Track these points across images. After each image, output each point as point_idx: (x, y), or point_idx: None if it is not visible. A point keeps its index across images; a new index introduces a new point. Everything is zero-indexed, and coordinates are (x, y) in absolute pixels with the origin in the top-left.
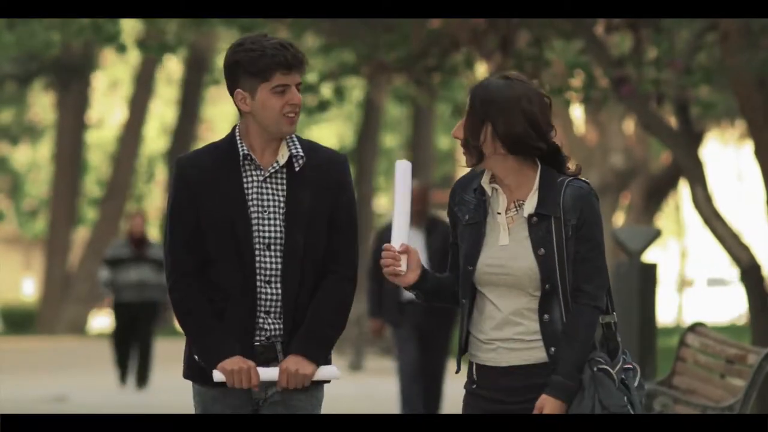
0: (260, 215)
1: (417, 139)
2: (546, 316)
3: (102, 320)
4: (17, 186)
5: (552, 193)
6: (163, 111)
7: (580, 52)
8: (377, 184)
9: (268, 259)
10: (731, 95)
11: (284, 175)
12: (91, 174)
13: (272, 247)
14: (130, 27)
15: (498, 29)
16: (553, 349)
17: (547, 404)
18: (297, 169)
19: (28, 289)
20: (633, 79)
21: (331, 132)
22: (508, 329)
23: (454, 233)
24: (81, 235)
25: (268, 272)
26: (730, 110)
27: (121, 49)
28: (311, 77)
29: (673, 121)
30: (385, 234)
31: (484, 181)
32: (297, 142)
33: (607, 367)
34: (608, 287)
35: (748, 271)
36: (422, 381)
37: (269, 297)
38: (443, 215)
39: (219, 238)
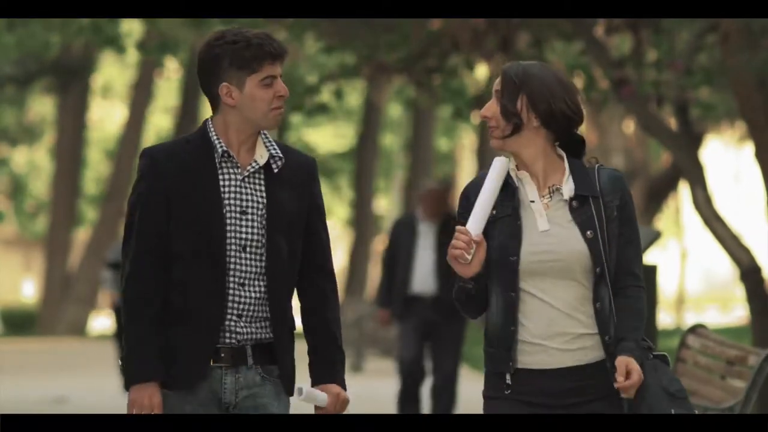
0: (236, 216)
1: (417, 140)
2: (598, 304)
3: (102, 321)
4: (17, 187)
5: (586, 176)
6: (162, 111)
7: (580, 53)
8: (377, 185)
9: (243, 261)
10: (731, 96)
11: (262, 176)
12: (90, 171)
13: (248, 249)
14: (130, 29)
15: (498, 30)
16: (608, 337)
17: (632, 364)
18: (276, 170)
19: (28, 290)
20: (633, 81)
21: (330, 133)
22: (562, 324)
23: None
24: (81, 236)
25: (242, 274)
26: (730, 111)
27: (121, 50)
28: (312, 78)
29: (673, 122)
30: (399, 227)
31: (512, 170)
32: (273, 142)
33: (664, 353)
34: None
35: (749, 272)
36: (421, 378)
37: (243, 300)
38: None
39: (190, 237)
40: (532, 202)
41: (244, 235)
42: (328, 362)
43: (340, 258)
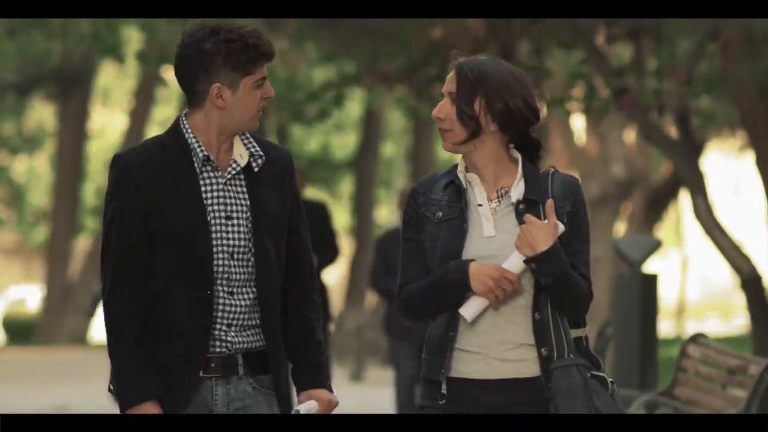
0: (222, 222)
1: (418, 149)
2: (537, 315)
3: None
4: (18, 196)
5: (538, 180)
6: (163, 120)
7: (580, 63)
8: (377, 195)
9: (232, 269)
10: (732, 105)
11: (242, 176)
12: (91, 182)
13: (236, 255)
14: (129, 36)
15: (498, 38)
16: (544, 349)
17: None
18: (256, 169)
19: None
20: (634, 90)
21: (331, 141)
22: (502, 332)
23: (418, 236)
24: (81, 245)
25: (231, 282)
26: (731, 120)
27: (120, 59)
28: (312, 85)
29: (673, 131)
30: (386, 241)
31: (460, 172)
32: (251, 138)
33: (602, 374)
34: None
35: (749, 281)
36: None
37: (233, 308)
38: None
39: (174, 249)
40: (480, 205)
41: (231, 242)
42: (311, 367)
43: (340, 267)
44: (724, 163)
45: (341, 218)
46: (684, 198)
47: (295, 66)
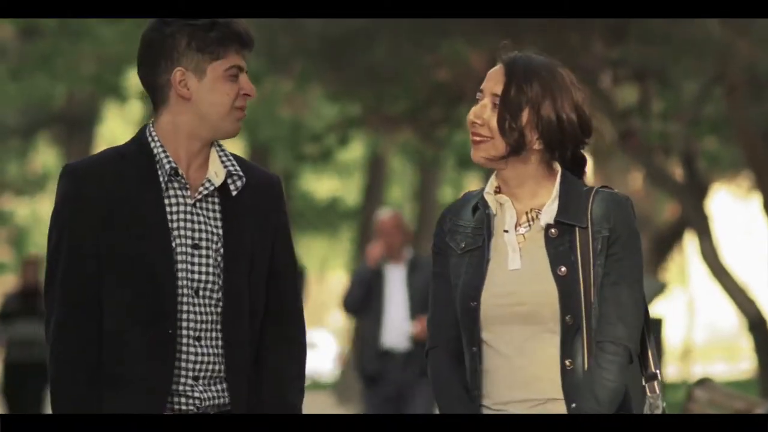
0: (188, 251)
1: (423, 191)
2: (568, 362)
3: None
4: (21, 238)
5: (577, 200)
6: None
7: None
8: None
9: (197, 308)
10: (738, 147)
11: (217, 199)
12: None
13: (201, 293)
14: (132, 78)
15: None
16: (574, 405)
17: None
18: (234, 192)
19: None
20: (639, 132)
21: (335, 183)
22: (526, 388)
23: (443, 269)
24: None
25: (197, 325)
26: (737, 162)
27: (123, 99)
28: (316, 127)
29: (679, 173)
30: (361, 271)
31: (488, 192)
32: (230, 156)
33: None
34: (649, 332)
35: (756, 324)
36: None
37: (200, 357)
38: (426, 253)
39: (128, 280)
40: (506, 231)
41: (197, 276)
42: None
43: None
44: (730, 205)
45: (344, 259)
46: (690, 240)
47: (300, 108)
